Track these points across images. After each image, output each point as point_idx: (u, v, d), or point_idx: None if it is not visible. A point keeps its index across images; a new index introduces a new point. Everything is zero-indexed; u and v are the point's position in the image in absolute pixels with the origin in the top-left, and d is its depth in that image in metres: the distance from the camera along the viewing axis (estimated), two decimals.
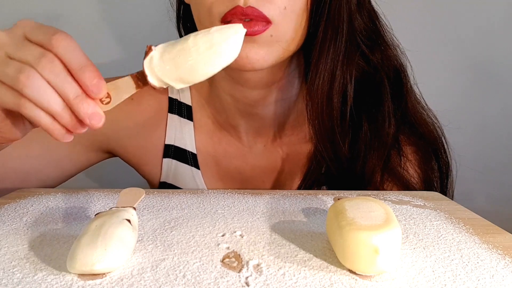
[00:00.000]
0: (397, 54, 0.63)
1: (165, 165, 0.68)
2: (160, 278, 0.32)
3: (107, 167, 0.79)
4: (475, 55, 1.01)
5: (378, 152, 0.59)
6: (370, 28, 0.60)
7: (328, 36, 0.54)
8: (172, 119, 0.68)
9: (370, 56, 0.60)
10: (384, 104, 0.60)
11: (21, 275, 0.33)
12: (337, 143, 0.58)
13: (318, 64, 0.55)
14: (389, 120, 0.60)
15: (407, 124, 0.62)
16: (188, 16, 0.62)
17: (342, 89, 0.58)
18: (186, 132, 0.67)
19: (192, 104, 0.68)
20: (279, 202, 0.52)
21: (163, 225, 0.44)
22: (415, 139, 0.62)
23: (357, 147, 0.60)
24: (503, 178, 1.03)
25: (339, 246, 0.34)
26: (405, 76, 0.63)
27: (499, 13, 0.99)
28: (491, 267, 0.35)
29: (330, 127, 0.58)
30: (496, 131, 1.03)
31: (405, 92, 0.62)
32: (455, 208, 0.51)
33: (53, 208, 0.49)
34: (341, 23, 0.55)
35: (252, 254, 0.37)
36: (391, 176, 0.60)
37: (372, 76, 0.61)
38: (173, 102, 0.68)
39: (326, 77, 0.56)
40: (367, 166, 0.59)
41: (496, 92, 1.02)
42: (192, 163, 0.67)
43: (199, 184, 0.68)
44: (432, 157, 0.62)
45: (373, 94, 0.61)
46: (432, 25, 1.00)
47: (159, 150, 0.68)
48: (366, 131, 0.60)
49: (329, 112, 0.57)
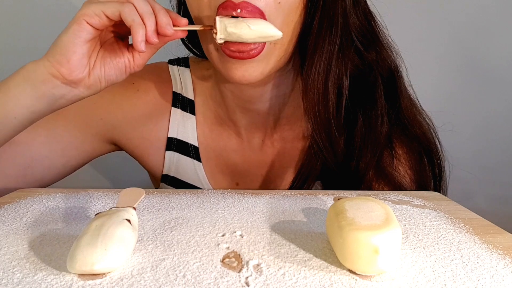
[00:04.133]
0: (392, 54, 0.64)
1: (167, 157, 0.69)
2: (160, 278, 0.32)
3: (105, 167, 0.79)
4: (471, 55, 1.01)
5: (372, 149, 0.60)
6: (365, 27, 0.61)
7: (324, 28, 0.55)
8: (175, 113, 0.69)
9: (364, 54, 0.61)
10: (377, 102, 0.61)
11: (21, 275, 0.33)
12: (333, 134, 0.59)
13: (314, 56, 0.56)
14: (382, 119, 0.61)
15: (400, 125, 0.62)
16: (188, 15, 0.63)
17: (338, 81, 0.58)
18: (189, 126, 0.69)
19: (195, 99, 0.70)
20: (279, 202, 0.52)
21: (163, 225, 0.44)
22: (407, 140, 0.63)
23: (352, 143, 0.61)
24: (503, 178, 1.04)
25: (339, 246, 0.34)
26: (399, 77, 0.64)
27: (493, 14, 0.99)
28: (491, 267, 0.35)
29: (326, 118, 0.58)
30: (495, 131, 1.04)
31: (399, 93, 0.63)
32: (455, 208, 0.51)
33: (53, 208, 0.49)
34: (336, 15, 0.55)
35: (252, 254, 0.37)
36: (382, 175, 0.61)
37: (367, 75, 0.62)
38: (177, 96, 0.70)
39: (322, 68, 0.56)
40: (361, 162, 0.60)
41: (494, 92, 1.02)
42: (194, 156, 0.69)
43: (201, 176, 0.69)
44: (424, 158, 0.63)
45: (367, 92, 0.61)
46: (427, 27, 1.00)
47: (162, 142, 0.70)
48: (361, 127, 0.60)
49: (325, 103, 0.58)
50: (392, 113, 0.62)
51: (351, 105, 0.60)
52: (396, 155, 0.61)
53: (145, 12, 0.48)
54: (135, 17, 0.48)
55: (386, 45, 0.63)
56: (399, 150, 0.62)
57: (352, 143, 0.60)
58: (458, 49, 1.00)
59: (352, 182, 0.60)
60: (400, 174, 0.61)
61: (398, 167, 0.61)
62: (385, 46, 0.63)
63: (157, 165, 0.71)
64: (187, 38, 0.68)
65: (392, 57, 0.64)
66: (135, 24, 0.47)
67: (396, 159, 0.61)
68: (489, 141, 1.04)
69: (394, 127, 0.62)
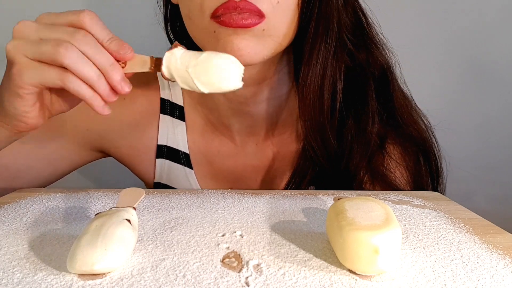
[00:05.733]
0: (384, 52, 0.63)
1: (158, 165, 0.68)
2: (160, 278, 0.32)
3: (103, 167, 0.79)
4: (468, 52, 1.00)
5: (361, 150, 0.59)
6: (355, 25, 0.60)
7: (320, 32, 0.55)
8: (164, 120, 0.68)
9: (355, 54, 0.60)
10: (368, 103, 0.60)
11: (21, 275, 0.33)
12: (327, 138, 0.59)
13: (310, 61, 0.56)
14: (372, 119, 0.60)
15: (394, 125, 0.62)
16: (176, 17, 0.62)
17: (332, 85, 0.58)
18: (179, 133, 0.68)
19: (184, 105, 0.68)
20: (279, 202, 0.52)
21: (163, 225, 0.44)
22: (402, 140, 0.62)
23: (342, 144, 0.60)
24: (503, 178, 1.04)
25: (339, 246, 0.34)
26: (392, 75, 0.63)
27: (491, 10, 0.99)
28: (491, 267, 0.35)
29: (321, 123, 0.58)
30: (495, 131, 1.03)
31: (392, 92, 0.62)
32: (455, 208, 0.51)
33: (53, 208, 0.49)
34: (331, 18, 0.55)
35: (252, 254, 0.37)
36: (374, 175, 0.60)
37: (358, 75, 0.61)
38: (165, 103, 0.68)
39: (318, 73, 0.56)
40: (351, 163, 0.59)
41: (494, 91, 1.02)
42: (185, 163, 0.68)
43: (193, 183, 0.68)
44: (420, 158, 0.62)
45: (358, 92, 0.61)
46: (422, 23, 0.99)
47: (152, 150, 0.68)
48: (351, 128, 0.60)
49: (320, 108, 0.57)
50: (384, 113, 0.61)
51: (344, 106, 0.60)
52: (390, 155, 0.61)
53: (90, 78, 0.41)
54: (83, 89, 0.42)
55: (378, 42, 0.62)
56: (394, 151, 0.62)
57: (342, 144, 0.60)
58: (456, 45, 1.00)
59: (345, 184, 0.60)
60: (396, 174, 0.61)
61: (393, 167, 0.61)
62: (376, 44, 0.62)
63: (148, 173, 0.70)
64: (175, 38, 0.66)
65: (384, 55, 0.63)
66: (87, 97, 0.42)
67: (391, 160, 0.61)
68: (489, 141, 1.03)
69: (387, 127, 0.61)
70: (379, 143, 0.61)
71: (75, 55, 0.41)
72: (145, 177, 0.71)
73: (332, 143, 0.59)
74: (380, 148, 0.61)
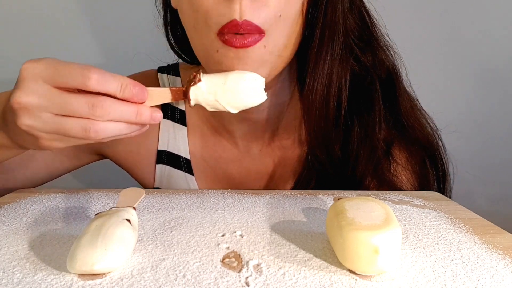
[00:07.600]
0: (389, 54, 0.62)
1: (158, 171, 0.67)
2: (160, 278, 0.32)
3: (104, 167, 0.79)
4: (474, 55, 1.00)
5: (368, 156, 0.58)
6: (361, 28, 0.59)
7: (325, 40, 0.54)
8: (165, 125, 0.67)
9: (361, 57, 0.59)
10: (375, 108, 0.59)
11: (21, 275, 0.33)
12: (331, 146, 0.58)
13: (316, 70, 0.55)
14: (379, 125, 0.59)
15: (401, 129, 0.61)
16: (176, 21, 0.61)
17: (338, 93, 0.57)
18: (180, 137, 0.67)
19: (186, 109, 0.67)
20: (279, 202, 0.52)
21: (163, 225, 0.44)
22: (408, 145, 0.61)
23: (348, 150, 0.59)
24: (503, 178, 1.03)
25: (339, 246, 0.34)
26: (398, 78, 0.62)
27: (499, 13, 0.99)
28: (491, 267, 0.35)
29: (326, 130, 0.57)
30: (495, 131, 1.03)
31: (398, 95, 0.61)
32: (455, 208, 0.51)
33: (53, 208, 0.49)
34: (337, 25, 0.54)
35: (252, 254, 0.37)
36: (381, 181, 0.59)
37: (363, 79, 0.60)
38: (166, 107, 0.67)
39: (324, 82, 0.55)
40: (357, 170, 0.58)
41: (496, 92, 1.02)
42: (186, 169, 0.67)
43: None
44: (426, 162, 0.61)
45: (364, 97, 0.60)
46: (428, 25, 0.99)
47: (152, 156, 0.68)
48: (357, 134, 0.59)
49: (326, 116, 0.57)
50: (391, 117, 0.60)
51: (348, 111, 0.59)
52: (396, 160, 0.60)
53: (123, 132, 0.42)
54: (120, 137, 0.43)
55: (383, 44, 0.61)
56: (400, 155, 0.61)
57: (348, 150, 0.59)
58: (462, 48, 1.00)
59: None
60: (402, 179, 0.60)
61: (399, 172, 0.60)
62: (382, 46, 0.61)
63: (147, 178, 0.69)
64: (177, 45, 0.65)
65: (390, 58, 0.62)
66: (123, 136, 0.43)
67: (397, 164, 0.60)
68: (489, 141, 1.03)
69: (394, 131, 0.61)
70: (385, 148, 0.60)
71: (104, 131, 0.40)
72: (145, 182, 0.70)
73: (336, 150, 0.58)
74: (386, 154, 0.60)
